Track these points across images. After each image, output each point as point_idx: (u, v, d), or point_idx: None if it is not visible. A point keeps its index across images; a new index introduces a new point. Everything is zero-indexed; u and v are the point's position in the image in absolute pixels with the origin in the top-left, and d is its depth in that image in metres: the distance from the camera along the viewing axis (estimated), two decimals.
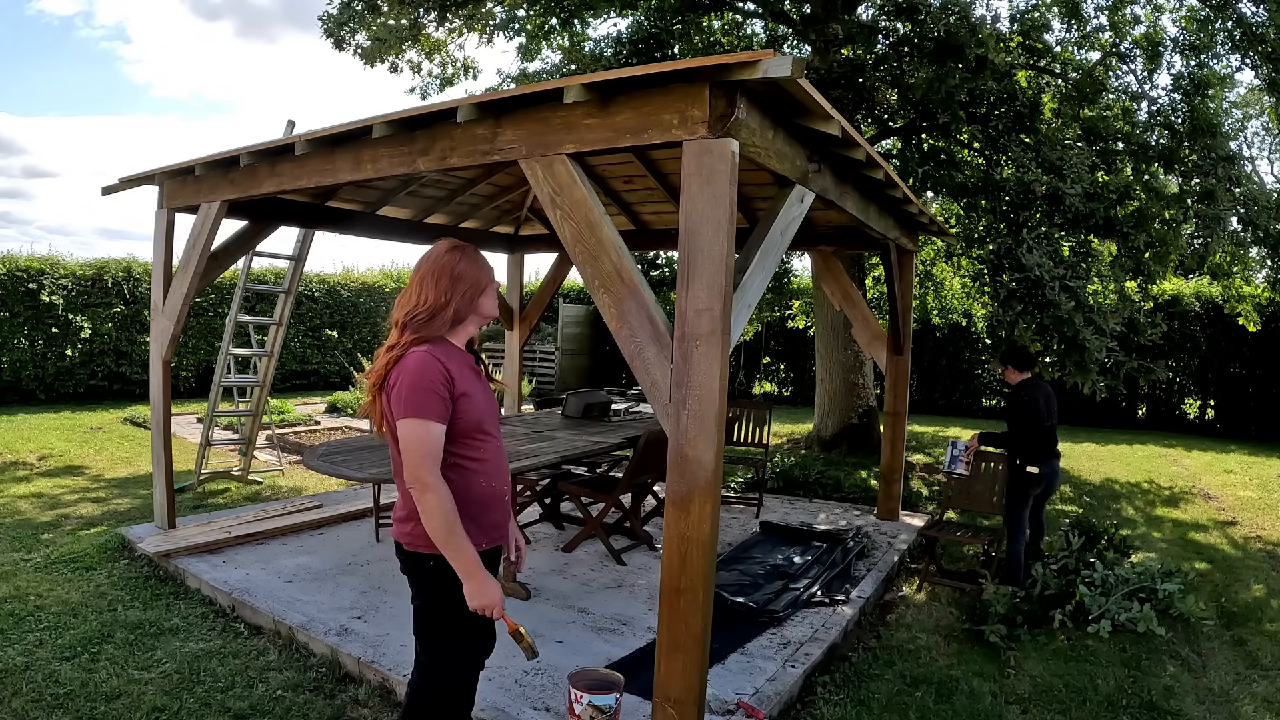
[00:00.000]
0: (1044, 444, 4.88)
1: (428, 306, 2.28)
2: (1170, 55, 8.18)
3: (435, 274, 2.31)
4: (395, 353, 2.24)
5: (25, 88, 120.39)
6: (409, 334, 2.27)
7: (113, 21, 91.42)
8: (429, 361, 2.21)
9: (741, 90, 2.58)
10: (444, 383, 2.21)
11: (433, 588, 2.33)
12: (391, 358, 2.24)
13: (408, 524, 2.32)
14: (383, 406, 2.28)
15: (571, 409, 6.34)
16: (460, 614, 2.32)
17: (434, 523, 2.17)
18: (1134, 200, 7.36)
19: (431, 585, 2.33)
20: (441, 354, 2.26)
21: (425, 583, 2.34)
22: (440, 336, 2.32)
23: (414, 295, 2.31)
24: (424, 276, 2.32)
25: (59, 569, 4.54)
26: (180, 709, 3.09)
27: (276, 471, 7.37)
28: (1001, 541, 4.96)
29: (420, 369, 2.19)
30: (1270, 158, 27.99)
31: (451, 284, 2.31)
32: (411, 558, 2.34)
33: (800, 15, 8.73)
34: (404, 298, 2.34)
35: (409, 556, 2.35)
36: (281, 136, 4.28)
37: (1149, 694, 3.55)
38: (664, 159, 5.72)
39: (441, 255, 2.34)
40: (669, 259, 10.26)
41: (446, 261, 2.33)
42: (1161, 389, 12.62)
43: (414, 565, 2.34)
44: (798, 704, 3.38)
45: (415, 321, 2.27)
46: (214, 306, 12.50)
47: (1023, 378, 4.99)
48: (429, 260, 2.35)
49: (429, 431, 2.17)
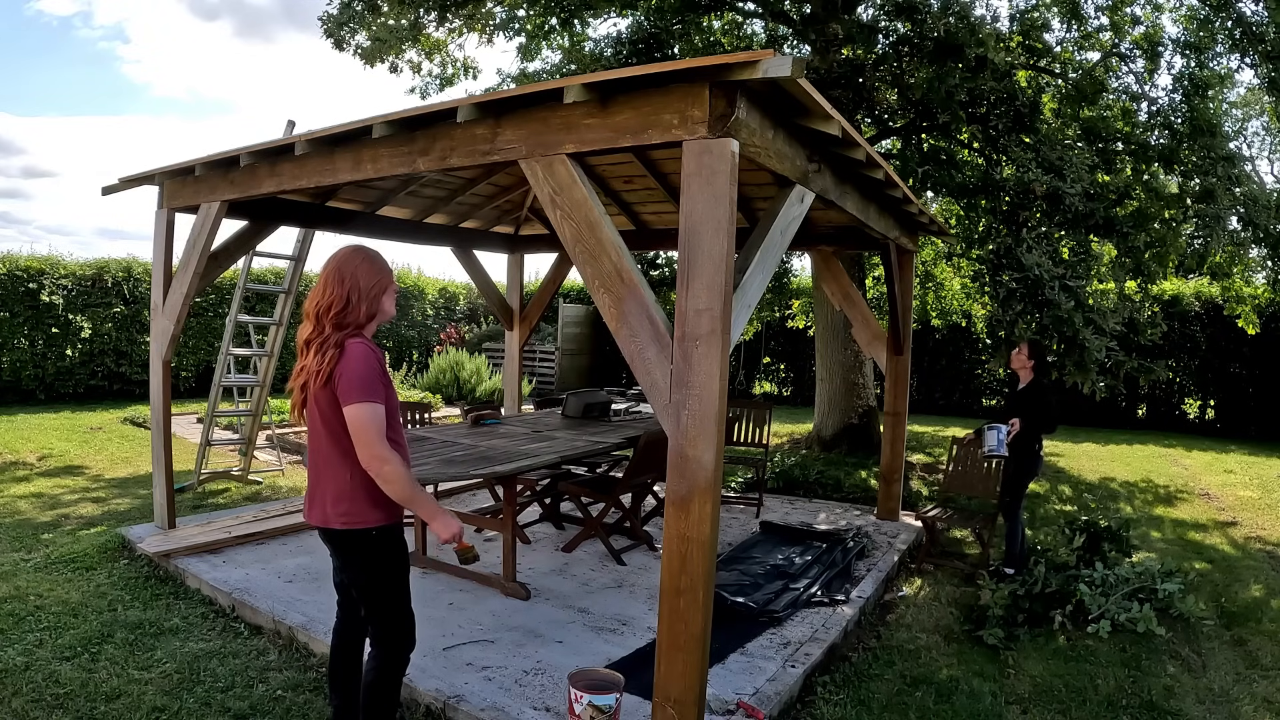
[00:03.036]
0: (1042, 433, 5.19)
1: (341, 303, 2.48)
2: (1170, 55, 8.18)
3: (340, 274, 2.52)
4: (331, 349, 2.44)
5: (24, 88, 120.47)
6: (330, 329, 2.47)
7: (111, 21, 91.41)
8: (371, 351, 2.47)
9: (741, 90, 2.58)
10: (384, 370, 2.51)
11: (378, 557, 2.56)
12: (332, 353, 2.43)
13: (341, 504, 2.50)
14: (314, 396, 2.47)
15: (571, 409, 6.34)
16: (404, 576, 2.62)
17: (397, 487, 2.42)
18: (1134, 200, 7.36)
19: (376, 555, 2.55)
20: (374, 346, 2.52)
21: (369, 554, 2.55)
22: (360, 330, 2.53)
23: (325, 291, 2.52)
24: (329, 274, 2.53)
25: (59, 569, 4.54)
26: (180, 709, 3.09)
27: (276, 471, 7.37)
28: (993, 523, 5.27)
29: (366, 358, 2.44)
30: (1270, 158, 28.01)
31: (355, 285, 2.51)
32: (350, 536, 2.52)
33: (800, 15, 8.73)
34: (314, 292, 2.55)
35: (348, 536, 2.52)
36: (281, 136, 4.28)
37: (1149, 694, 3.55)
38: (664, 159, 5.72)
39: (346, 257, 2.57)
40: (669, 259, 10.25)
41: (350, 263, 2.54)
42: (1161, 389, 12.62)
43: (354, 543, 2.53)
44: (798, 704, 3.38)
45: (334, 316, 2.47)
46: (214, 306, 12.50)
47: (1033, 369, 5.18)
48: (334, 260, 2.57)
49: (376, 412, 2.41)
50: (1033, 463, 5.09)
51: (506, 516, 4.34)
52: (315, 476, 2.59)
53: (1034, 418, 5.02)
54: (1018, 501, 5.13)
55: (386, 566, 2.58)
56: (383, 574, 2.58)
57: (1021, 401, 5.13)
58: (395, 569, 2.60)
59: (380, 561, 2.56)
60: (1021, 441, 5.04)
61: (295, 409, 2.58)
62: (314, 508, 2.58)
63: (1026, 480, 5.14)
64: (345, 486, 2.49)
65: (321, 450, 2.54)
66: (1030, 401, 5.09)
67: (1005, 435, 4.97)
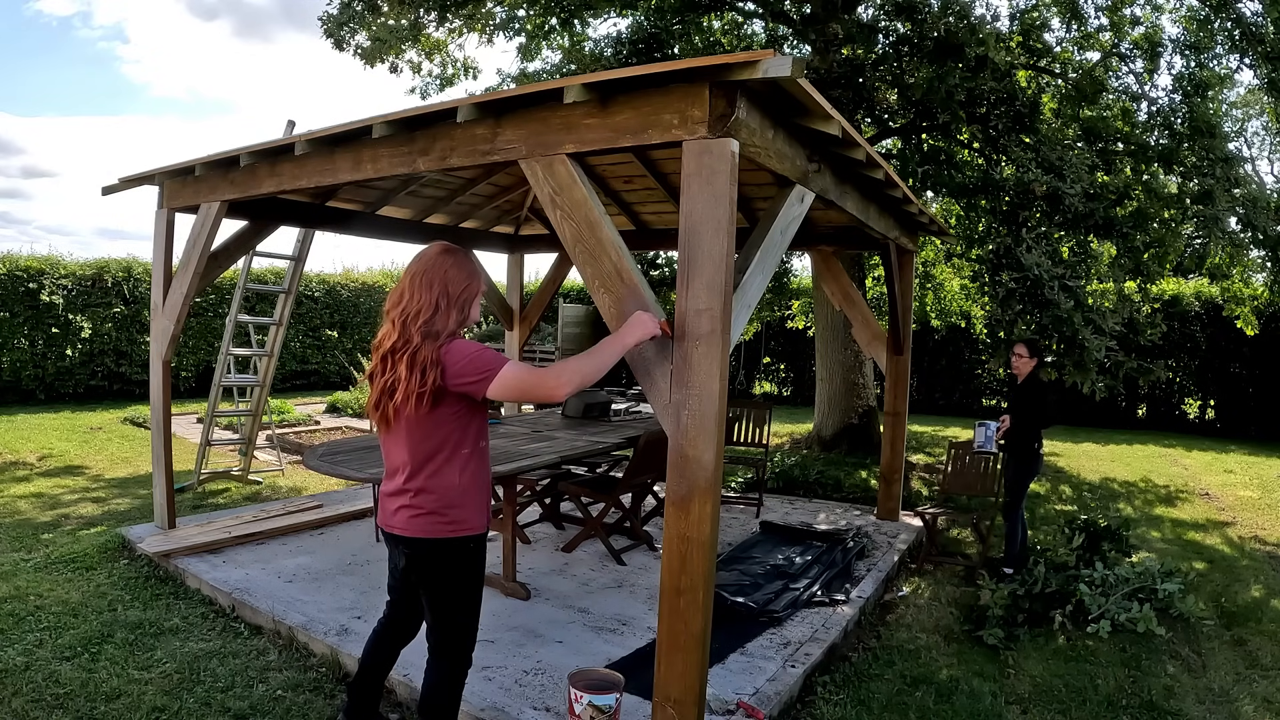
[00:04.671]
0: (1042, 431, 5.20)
1: (430, 309, 2.35)
2: (1170, 55, 8.18)
3: (429, 278, 2.39)
4: (431, 368, 2.30)
5: (24, 88, 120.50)
6: (419, 338, 2.33)
7: (111, 22, 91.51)
8: (474, 343, 2.40)
9: (741, 90, 2.58)
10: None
11: (469, 568, 2.49)
12: (433, 372, 2.30)
13: (430, 516, 2.40)
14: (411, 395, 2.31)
15: (571, 409, 6.34)
16: (480, 588, 2.55)
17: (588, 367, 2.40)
18: (1133, 200, 7.36)
19: (468, 566, 2.48)
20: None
21: (462, 565, 2.47)
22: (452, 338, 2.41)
23: (412, 297, 2.37)
24: (417, 278, 2.40)
25: (59, 569, 4.54)
26: (180, 709, 3.09)
27: (276, 471, 7.36)
28: (992, 518, 5.34)
29: (464, 345, 2.36)
30: (1270, 158, 28.01)
31: (445, 290, 2.39)
32: (442, 547, 2.42)
33: (800, 15, 8.73)
34: (397, 296, 2.41)
35: (438, 546, 2.42)
36: (281, 136, 4.28)
37: (1149, 694, 3.55)
38: (664, 159, 5.72)
39: (435, 259, 2.43)
40: (669, 259, 10.26)
41: (439, 266, 2.41)
42: (1161, 389, 12.62)
43: (445, 553, 2.44)
44: (798, 704, 3.38)
45: (422, 324, 2.34)
46: (214, 306, 12.50)
47: (1032, 367, 5.17)
48: (421, 262, 2.43)
49: (513, 366, 2.34)
50: (1033, 462, 5.08)
51: (506, 516, 4.34)
52: (405, 483, 2.43)
53: (1031, 415, 5.04)
54: (1018, 502, 5.13)
55: (473, 578, 2.52)
56: (469, 586, 2.52)
57: (1019, 398, 5.14)
58: (478, 581, 2.55)
59: (470, 573, 2.50)
60: (1020, 441, 5.05)
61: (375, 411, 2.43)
62: (400, 514, 2.43)
63: (1027, 480, 5.14)
64: (453, 492, 2.40)
65: (418, 455, 2.40)
66: (1027, 398, 5.10)
67: (994, 432, 5.03)
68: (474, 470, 2.47)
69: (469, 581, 2.52)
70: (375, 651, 2.77)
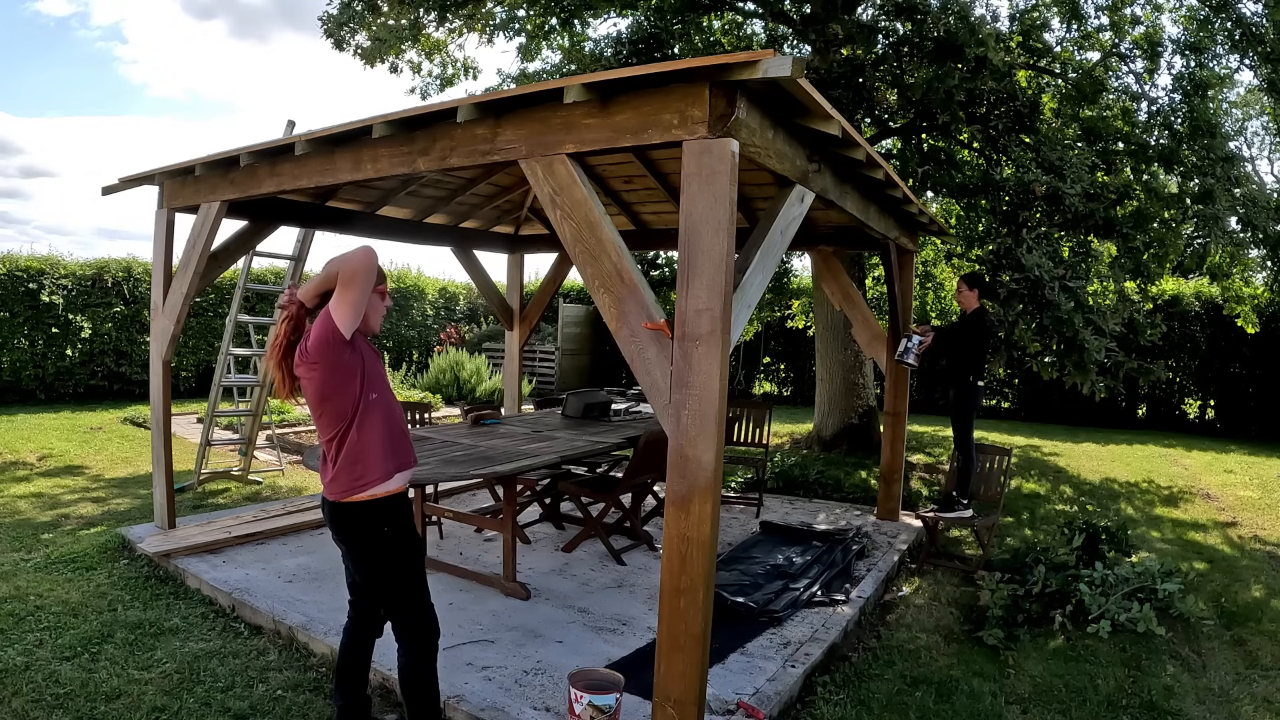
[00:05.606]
0: (983, 364, 5.44)
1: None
2: (1170, 55, 8.17)
3: None
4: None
5: (22, 88, 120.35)
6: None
7: (109, 22, 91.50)
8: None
9: (741, 90, 2.58)
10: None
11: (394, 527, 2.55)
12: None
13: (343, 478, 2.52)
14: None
15: (571, 409, 6.34)
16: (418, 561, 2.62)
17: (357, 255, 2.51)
18: (1133, 200, 7.36)
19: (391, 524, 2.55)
20: None
21: (386, 523, 2.54)
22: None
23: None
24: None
25: (59, 569, 4.54)
26: (180, 709, 3.09)
27: (276, 471, 7.37)
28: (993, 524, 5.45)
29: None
30: (1270, 158, 28.02)
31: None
32: (362, 509, 2.52)
33: (800, 15, 8.73)
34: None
35: (358, 509, 2.52)
36: (281, 136, 4.28)
37: (1149, 694, 3.55)
38: (664, 159, 5.72)
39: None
40: (669, 259, 10.26)
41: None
42: (1161, 389, 12.62)
43: (368, 516, 2.53)
44: (798, 704, 3.38)
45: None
46: (214, 306, 12.50)
47: (978, 305, 5.37)
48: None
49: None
50: (969, 394, 5.33)
51: (506, 516, 4.34)
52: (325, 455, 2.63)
53: (968, 350, 5.26)
54: (966, 434, 5.36)
55: (404, 538, 2.59)
56: (400, 547, 2.58)
57: (959, 331, 5.40)
58: (404, 550, 2.60)
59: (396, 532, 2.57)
60: (958, 374, 5.33)
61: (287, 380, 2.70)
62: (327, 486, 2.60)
63: (968, 412, 5.37)
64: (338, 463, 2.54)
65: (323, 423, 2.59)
66: (965, 332, 5.33)
67: (916, 345, 5.27)
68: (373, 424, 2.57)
69: (399, 542, 2.59)
70: (348, 649, 2.82)
